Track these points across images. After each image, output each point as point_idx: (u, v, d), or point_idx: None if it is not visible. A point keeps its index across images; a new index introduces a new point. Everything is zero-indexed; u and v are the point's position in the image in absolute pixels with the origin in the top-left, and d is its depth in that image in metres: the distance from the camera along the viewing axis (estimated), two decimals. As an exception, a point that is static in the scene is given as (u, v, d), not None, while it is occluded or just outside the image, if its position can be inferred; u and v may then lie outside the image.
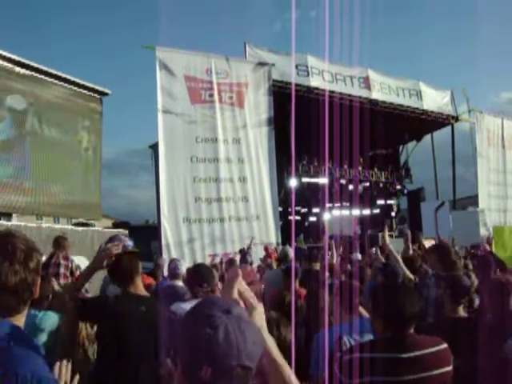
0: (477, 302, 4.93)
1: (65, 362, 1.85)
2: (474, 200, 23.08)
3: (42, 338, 4.06)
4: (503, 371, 2.61)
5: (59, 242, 8.17)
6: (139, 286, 3.48)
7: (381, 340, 2.89)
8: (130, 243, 3.48)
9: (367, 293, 4.53)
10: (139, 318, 3.29)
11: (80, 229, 14.65)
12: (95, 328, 3.92)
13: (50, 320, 4.18)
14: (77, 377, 1.84)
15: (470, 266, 7.21)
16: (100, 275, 6.65)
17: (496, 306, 3.69)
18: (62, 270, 7.72)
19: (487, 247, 11.77)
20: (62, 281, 7.60)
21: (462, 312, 3.96)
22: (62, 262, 7.92)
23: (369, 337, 3.34)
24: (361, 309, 3.86)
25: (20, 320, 1.80)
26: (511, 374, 2.21)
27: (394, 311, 2.84)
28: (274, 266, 9.36)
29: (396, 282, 4.94)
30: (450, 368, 2.79)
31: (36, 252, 1.85)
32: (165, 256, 13.30)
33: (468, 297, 4.10)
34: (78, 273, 7.99)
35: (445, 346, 2.85)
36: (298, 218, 26.47)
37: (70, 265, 8.00)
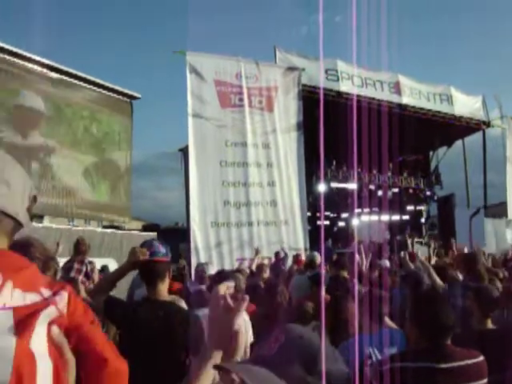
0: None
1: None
2: (505, 207, 22.75)
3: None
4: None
5: (76, 247, 8.26)
6: (162, 291, 3.49)
7: (417, 350, 2.85)
8: (161, 250, 3.50)
9: (395, 301, 4.48)
10: (157, 323, 3.30)
11: (109, 231, 14.77)
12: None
13: None
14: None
15: (501, 275, 7.08)
16: (127, 278, 6.69)
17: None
18: (72, 275, 7.74)
19: None
20: None
21: (490, 324, 3.89)
22: (75, 266, 7.97)
23: (393, 348, 3.30)
24: (387, 319, 3.81)
25: None
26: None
27: (434, 321, 2.81)
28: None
29: (436, 292, 4.87)
30: (485, 380, 2.75)
31: (53, 261, 1.89)
32: (193, 260, 13.36)
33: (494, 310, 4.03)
34: (95, 276, 8.07)
35: (482, 358, 2.80)
36: (327, 223, 26.37)
37: (83, 269, 8.04)
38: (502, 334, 3.75)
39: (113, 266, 9.20)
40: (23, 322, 1.13)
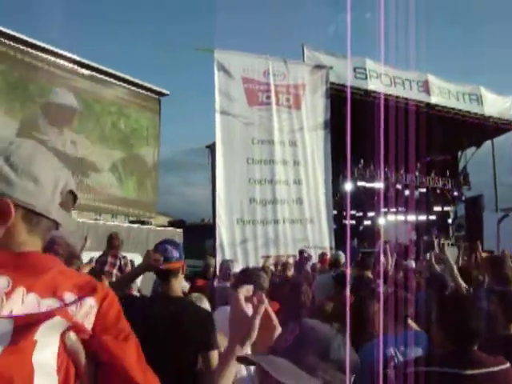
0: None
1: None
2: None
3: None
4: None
5: (109, 241, 8.34)
6: (175, 287, 3.54)
7: (443, 354, 2.82)
8: (174, 254, 3.52)
9: (420, 303, 4.45)
10: (167, 318, 3.34)
11: (135, 226, 14.85)
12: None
13: None
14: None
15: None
16: (151, 274, 6.74)
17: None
18: (106, 268, 7.83)
19: None
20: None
21: (514, 329, 3.84)
22: (109, 259, 8.05)
23: (417, 350, 3.27)
24: (411, 321, 3.78)
25: None
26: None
27: (461, 325, 2.77)
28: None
29: (464, 296, 4.81)
30: None
31: (76, 258, 1.87)
32: (218, 256, 13.38)
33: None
34: (128, 270, 8.13)
35: (509, 365, 2.76)
36: (353, 222, 26.25)
37: (117, 263, 8.12)
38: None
39: (138, 260, 9.26)
40: (21, 331, 1.07)
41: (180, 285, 3.64)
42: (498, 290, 4.37)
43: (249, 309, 1.58)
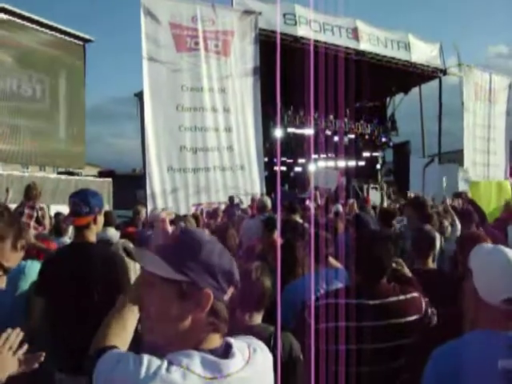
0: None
1: (18, 330, 1.87)
2: (460, 154, 23.13)
3: (26, 285, 4.21)
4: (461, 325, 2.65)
5: (26, 192, 8.16)
6: (85, 236, 3.52)
7: (351, 287, 2.93)
8: (83, 209, 3.48)
9: (341, 242, 4.59)
10: (76, 264, 3.36)
11: (63, 177, 14.60)
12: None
13: (36, 269, 4.28)
14: (25, 346, 1.85)
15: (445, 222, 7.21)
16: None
17: (466, 259, 3.74)
18: (23, 220, 7.65)
19: (469, 195, 11.87)
20: None
21: (431, 264, 4.02)
22: (26, 211, 7.87)
23: (337, 285, 3.40)
24: (331, 259, 3.91)
25: None
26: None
27: (369, 259, 2.87)
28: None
29: (373, 232, 4.98)
30: (418, 316, 2.84)
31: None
32: (149, 206, 13.34)
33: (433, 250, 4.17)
34: (46, 221, 8.02)
35: (414, 294, 2.89)
36: (284, 168, 26.45)
37: (34, 214, 7.96)
38: (441, 274, 3.88)
39: (66, 212, 9.14)
40: None
41: (93, 233, 3.60)
42: (415, 228, 4.56)
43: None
